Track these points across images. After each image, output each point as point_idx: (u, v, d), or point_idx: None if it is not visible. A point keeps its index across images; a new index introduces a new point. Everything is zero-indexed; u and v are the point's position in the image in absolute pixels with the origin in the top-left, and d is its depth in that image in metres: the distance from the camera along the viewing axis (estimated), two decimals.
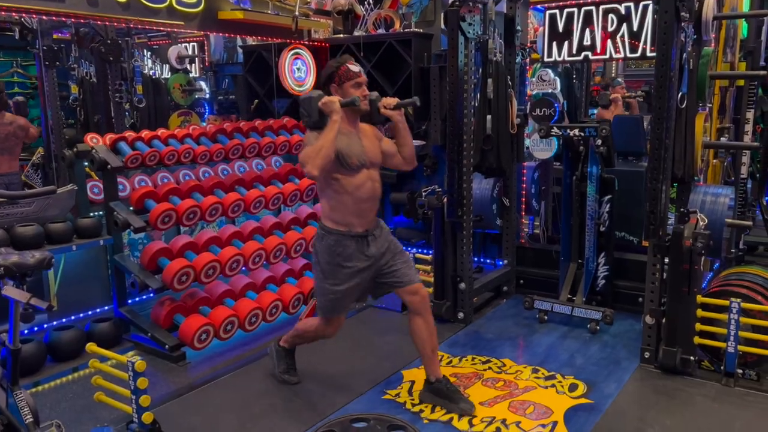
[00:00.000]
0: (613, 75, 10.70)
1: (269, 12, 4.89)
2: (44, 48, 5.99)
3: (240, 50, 6.44)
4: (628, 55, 4.41)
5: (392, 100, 3.00)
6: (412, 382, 3.44)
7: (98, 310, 4.20)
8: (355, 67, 2.97)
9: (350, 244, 2.99)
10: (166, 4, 4.28)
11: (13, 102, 5.62)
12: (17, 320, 2.41)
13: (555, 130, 4.10)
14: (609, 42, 4.42)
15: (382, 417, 2.85)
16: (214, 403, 3.25)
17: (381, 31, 5.40)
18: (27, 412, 2.53)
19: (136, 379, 2.67)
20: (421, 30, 5.20)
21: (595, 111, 6.91)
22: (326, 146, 2.79)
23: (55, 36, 6.85)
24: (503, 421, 3.01)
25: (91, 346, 2.91)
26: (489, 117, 4.29)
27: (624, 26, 4.34)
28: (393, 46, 5.19)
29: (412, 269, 3.17)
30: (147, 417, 2.71)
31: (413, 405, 3.19)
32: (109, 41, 5.82)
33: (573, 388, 3.35)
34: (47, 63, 6.05)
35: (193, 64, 6.93)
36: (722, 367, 3.36)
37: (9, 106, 5.42)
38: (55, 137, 6.20)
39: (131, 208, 4.04)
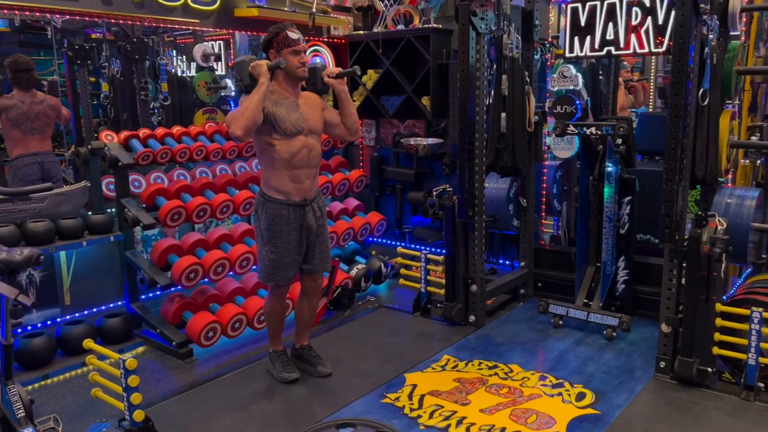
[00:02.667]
0: (652, 71, 10.34)
1: (286, 9, 4.86)
2: (75, 47, 6.12)
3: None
4: (653, 50, 4.22)
5: (334, 70, 3.13)
6: (414, 386, 3.36)
7: (111, 305, 4.26)
8: (294, 35, 3.04)
9: (288, 213, 3.11)
10: (181, 2, 4.30)
11: (48, 81, 5.70)
12: (8, 316, 2.43)
13: (571, 128, 3.94)
14: (633, 36, 4.25)
15: (369, 423, 2.78)
16: (212, 402, 3.24)
17: (400, 27, 5.32)
18: (19, 406, 2.56)
19: (128, 376, 2.67)
20: (440, 26, 5.09)
21: (634, 109, 6.68)
22: (251, 108, 2.89)
23: (93, 36, 7.01)
24: (502, 430, 2.90)
25: (87, 343, 2.93)
26: (504, 115, 4.17)
27: (649, 20, 4.15)
28: (411, 43, 5.10)
29: (325, 259, 3.37)
30: (138, 415, 2.71)
31: (411, 410, 3.11)
32: (135, 39, 5.91)
33: (580, 397, 3.21)
34: (79, 62, 6.18)
35: (219, 62, 6.96)
36: (742, 380, 3.17)
37: (40, 84, 5.47)
38: (87, 134, 6.34)
39: (142, 205, 4.07)
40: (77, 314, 4.06)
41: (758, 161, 4.31)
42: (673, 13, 4.00)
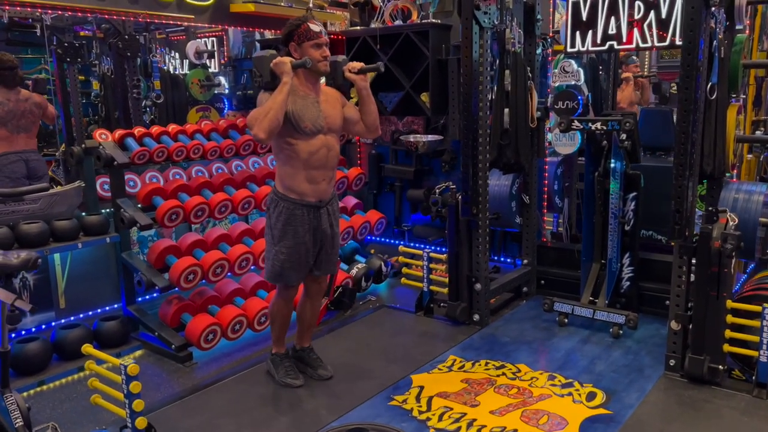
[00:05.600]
0: (646, 66, 10.34)
1: (282, 4, 4.77)
2: (65, 44, 5.99)
3: (258, 45, 6.34)
4: (656, 44, 4.18)
5: (357, 64, 2.96)
6: (421, 388, 3.29)
7: (107, 308, 4.16)
8: (316, 27, 2.90)
9: (302, 213, 3.00)
10: None
11: (32, 79, 5.59)
12: (4, 322, 2.34)
13: (576, 123, 3.89)
14: (636, 31, 4.20)
15: (382, 427, 2.71)
16: (215, 407, 3.16)
17: (398, 22, 5.24)
18: (17, 415, 2.47)
19: (129, 383, 2.59)
20: (439, 21, 5.01)
21: None
22: (275, 109, 2.75)
23: (82, 33, 6.88)
24: None
25: (86, 348, 2.84)
26: (507, 110, 4.11)
27: (652, 14, 4.11)
28: (410, 38, 5.02)
29: (333, 263, 3.29)
30: (140, 422, 2.63)
31: (420, 412, 3.05)
32: (126, 36, 5.79)
33: (591, 397, 3.16)
34: (69, 60, 6.05)
35: (213, 60, 6.86)
36: (754, 378, 3.14)
37: (24, 82, 5.35)
38: (77, 134, 6.22)
39: (139, 205, 3.97)
40: (72, 318, 3.96)
41: (762, 156, 4.28)
42: (676, 6, 3.99)
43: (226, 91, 6.96)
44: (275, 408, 3.15)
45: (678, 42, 4.04)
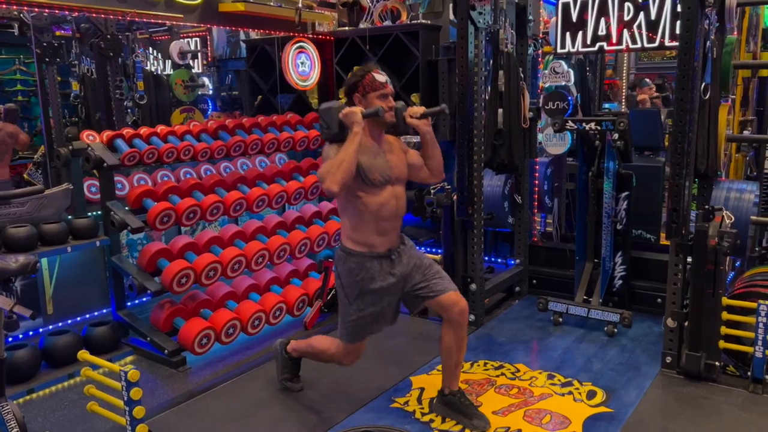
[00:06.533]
0: (624, 68, 10.47)
1: (272, 4, 4.71)
2: (44, 44, 5.86)
3: (243, 45, 6.28)
4: (646, 45, 4.24)
5: (419, 110, 2.77)
6: (422, 389, 3.28)
7: (96, 313, 4.06)
8: (381, 77, 2.73)
9: (373, 266, 2.78)
10: None
11: (3, 108, 5.48)
12: (1, 328, 2.27)
13: (570, 123, 3.92)
14: (625, 32, 4.25)
15: (388, 429, 2.69)
16: (214, 412, 3.10)
17: (387, 23, 5.23)
18: (13, 424, 2.40)
19: (130, 389, 2.52)
20: (429, 21, 5.01)
21: (608, 105, 6.70)
22: (347, 160, 2.58)
23: (57, 33, 6.73)
24: None
25: (82, 354, 2.76)
26: (500, 111, 4.12)
27: (641, 15, 4.16)
28: (400, 39, 5.00)
29: (445, 279, 2.93)
30: (141, 429, 2.56)
31: (423, 414, 3.03)
32: (109, 36, 5.68)
33: (591, 395, 3.18)
34: (48, 60, 5.92)
35: (196, 60, 6.77)
36: (749, 373, 3.18)
37: None
38: (56, 135, 6.08)
39: (128, 208, 3.89)
40: (61, 324, 3.85)
41: (748, 155, 4.36)
42: (665, 8, 4.06)
43: (210, 92, 6.88)
44: (277, 412, 3.10)
45: (667, 43, 4.11)
